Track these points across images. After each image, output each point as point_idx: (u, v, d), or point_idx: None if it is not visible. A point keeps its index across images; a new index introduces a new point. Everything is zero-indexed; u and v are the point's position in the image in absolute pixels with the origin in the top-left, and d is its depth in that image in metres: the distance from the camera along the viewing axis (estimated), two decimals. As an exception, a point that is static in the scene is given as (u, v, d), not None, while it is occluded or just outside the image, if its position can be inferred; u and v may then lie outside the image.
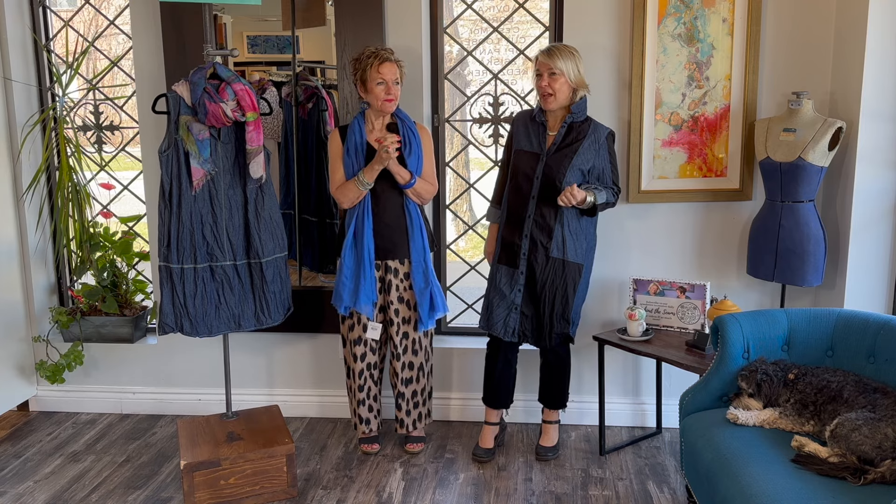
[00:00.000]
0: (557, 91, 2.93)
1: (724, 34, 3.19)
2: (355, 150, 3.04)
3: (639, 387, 3.53)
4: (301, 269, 3.59)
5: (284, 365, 3.68)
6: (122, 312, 3.71)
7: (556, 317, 3.02)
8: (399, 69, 3.00)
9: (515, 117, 3.15)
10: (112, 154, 3.80)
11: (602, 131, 3.00)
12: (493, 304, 3.10)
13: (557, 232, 2.98)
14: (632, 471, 3.13)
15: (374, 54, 2.96)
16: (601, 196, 2.93)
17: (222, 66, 2.93)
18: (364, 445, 3.31)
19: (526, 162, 3.03)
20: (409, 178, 3.01)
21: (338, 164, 3.07)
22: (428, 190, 3.11)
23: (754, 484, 2.08)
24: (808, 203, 3.01)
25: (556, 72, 2.91)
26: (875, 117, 2.98)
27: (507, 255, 3.08)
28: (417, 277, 3.11)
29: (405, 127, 3.07)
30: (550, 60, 2.90)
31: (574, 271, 3.01)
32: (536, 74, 2.96)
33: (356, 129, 3.05)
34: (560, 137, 3.00)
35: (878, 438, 2.10)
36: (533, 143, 3.04)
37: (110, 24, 3.67)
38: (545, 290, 3.00)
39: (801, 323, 2.59)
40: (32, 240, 3.71)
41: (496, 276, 3.11)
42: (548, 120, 3.04)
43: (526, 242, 3.02)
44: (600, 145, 2.98)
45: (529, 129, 3.06)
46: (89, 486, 3.07)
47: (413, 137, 3.07)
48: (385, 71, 2.95)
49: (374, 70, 2.94)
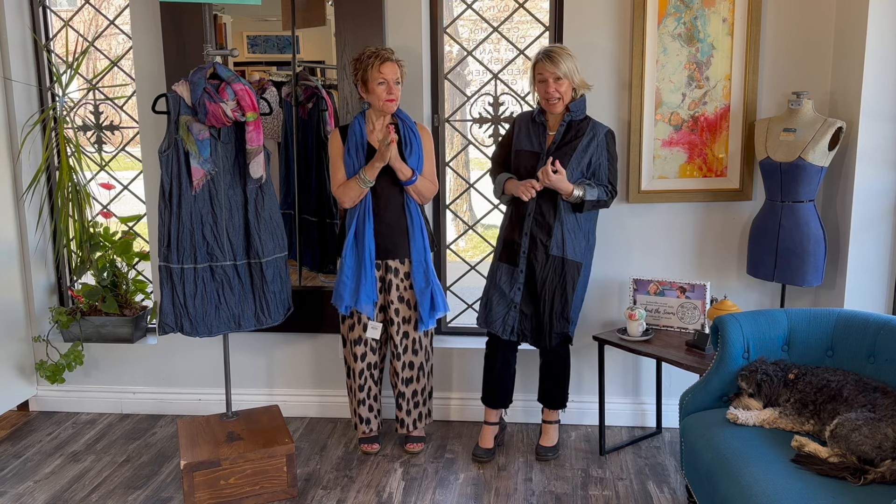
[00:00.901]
0: (564, 94, 2.94)
1: (724, 34, 3.19)
2: (356, 150, 3.04)
3: (639, 387, 3.53)
4: (301, 269, 3.59)
5: (284, 365, 3.68)
6: (122, 312, 3.71)
7: (556, 315, 3.02)
8: (400, 69, 3.00)
9: (516, 118, 3.15)
10: (112, 154, 3.80)
11: (601, 130, 3.00)
12: (493, 302, 3.10)
13: (557, 230, 2.98)
14: (632, 471, 3.13)
15: (374, 54, 2.96)
16: (592, 193, 2.93)
17: (222, 66, 2.93)
18: (364, 445, 3.31)
19: (526, 161, 3.04)
20: (410, 174, 3.01)
21: (339, 164, 3.07)
22: (429, 188, 3.11)
23: (754, 484, 2.08)
24: (808, 203, 3.01)
25: (561, 77, 2.91)
26: (875, 117, 2.98)
27: (508, 252, 3.08)
28: (418, 277, 3.11)
29: (405, 127, 3.07)
30: (555, 66, 2.89)
31: (573, 269, 3.01)
32: (540, 81, 2.95)
33: (357, 129, 3.05)
34: (559, 136, 3.00)
35: (878, 438, 2.10)
36: (533, 143, 3.04)
37: (110, 24, 3.67)
38: (545, 288, 3.01)
39: (801, 323, 2.59)
40: (32, 240, 3.71)
41: (496, 274, 3.11)
42: (547, 120, 3.04)
43: (526, 240, 3.02)
44: (599, 143, 2.98)
45: (530, 130, 3.07)
46: (89, 486, 3.07)
47: (413, 137, 3.07)
48: (386, 71, 2.95)
49: (375, 70, 2.94)
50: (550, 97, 2.94)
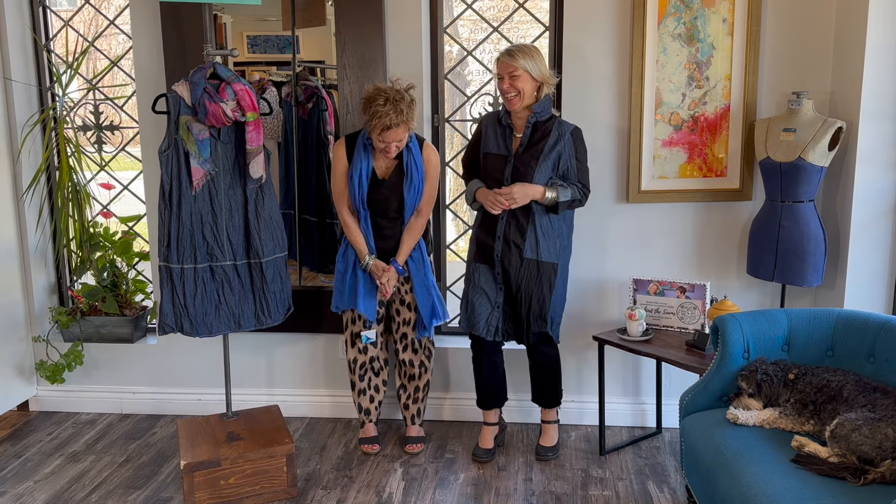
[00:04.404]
0: (522, 90, 2.90)
1: (724, 34, 3.19)
2: (359, 179, 3.00)
3: (639, 387, 3.53)
4: (301, 269, 3.59)
5: (284, 365, 3.68)
6: (122, 312, 3.71)
7: (534, 317, 3.01)
8: (408, 128, 2.89)
9: (482, 119, 3.12)
10: (112, 154, 3.80)
11: (566, 128, 2.97)
12: (475, 304, 3.07)
13: (530, 233, 2.96)
14: (632, 471, 3.13)
15: (379, 116, 2.80)
16: (565, 193, 2.92)
17: (222, 66, 2.92)
18: (364, 446, 3.31)
19: (495, 165, 3.00)
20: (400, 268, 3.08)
21: (342, 180, 3.05)
22: (418, 227, 3.09)
23: (754, 484, 2.08)
24: (808, 203, 3.01)
25: (517, 73, 2.88)
26: (875, 117, 2.98)
27: (483, 254, 3.05)
28: (419, 290, 3.12)
29: (410, 156, 3.01)
30: (511, 60, 2.87)
31: (549, 270, 2.99)
32: (498, 77, 2.93)
33: (361, 156, 2.99)
34: (526, 139, 2.97)
35: (879, 438, 2.10)
36: (500, 146, 3.01)
37: (110, 23, 3.67)
38: (521, 291, 2.99)
39: (801, 323, 2.59)
40: (32, 240, 3.71)
41: (475, 276, 3.08)
42: (513, 122, 3.01)
43: (499, 244, 3.00)
44: (566, 142, 2.95)
45: (497, 132, 3.03)
46: (89, 486, 3.07)
47: (416, 171, 3.02)
48: (389, 137, 2.87)
49: (376, 134, 2.89)
50: (506, 92, 2.90)
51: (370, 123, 2.88)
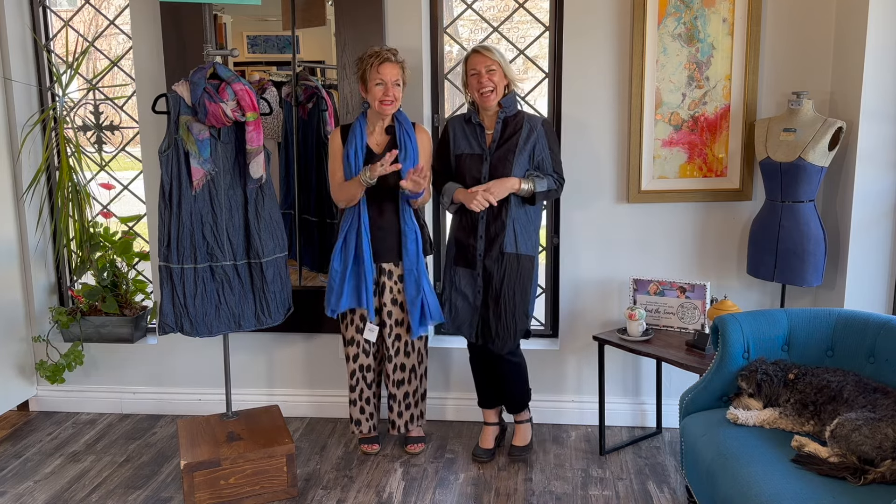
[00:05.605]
0: (498, 84, 2.93)
1: (724, 34, 3.19)
2: (355, 152, 3.03)
3: (639, 387, 3.53)
4: (301, 269, 3.59)
5: (284, 365, 3.68)
6: (122, 312, 3.71)
7: (519, 314, 3.00)
8: (402, 70, 2.99)
9: (448, 123, 3.12)
10: (112, 154, 3.80)
11: (536, 121, 2.99)
12: (457, 307, 3.08)
13: (509, 227, 2.97)
14: (632, 471, 3.13)
15: (375, 54, 2.95)
16: (542, 184, 2.93)
17: (222, 66, 2.93)
18: (364, 446, 3.31)
19: (471, 165, 3.00)
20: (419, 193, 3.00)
21: (337, 165, 3.07)
22: (423, 197, 3.09)
23: (754, 484, 2.08)
24: (808, 203, 3.01)
25: (493, 67, 2.91)
26: (875, 117, 2.98)
27: (463, 256, 3.05)
28: (409, 286, 3.10)
29: (402, 130, 3.05)
30: (489, 54, 2.91)
31: (528, 264, 3.01)
32: (472, 75, 2.94)
33: (357, 132, 3.04)
34: (498, 134, 2.99)
35: (879, 438, 2.10)
36: (473, 146, 3.02)
37: (110, 23, 3.67)
38: (504, 287, 2.98)
39: (801, 323, 2.59)
40: (32, 240, 3.71)
41: (455, 279, 3.08)
42: (483, 120, 3.03)
43: (481, 243, 3.00)
44: (538, 134, 2.97)
45: (466, 133, 3.04)
46: (89, 486, 3.07)
47: (409, 141, 3.04)
48: (385, 71, 2.94)
49: (373, 70, 2.93)
50: (483, 87, 2.91)
51: (367, 66, 2.94)
